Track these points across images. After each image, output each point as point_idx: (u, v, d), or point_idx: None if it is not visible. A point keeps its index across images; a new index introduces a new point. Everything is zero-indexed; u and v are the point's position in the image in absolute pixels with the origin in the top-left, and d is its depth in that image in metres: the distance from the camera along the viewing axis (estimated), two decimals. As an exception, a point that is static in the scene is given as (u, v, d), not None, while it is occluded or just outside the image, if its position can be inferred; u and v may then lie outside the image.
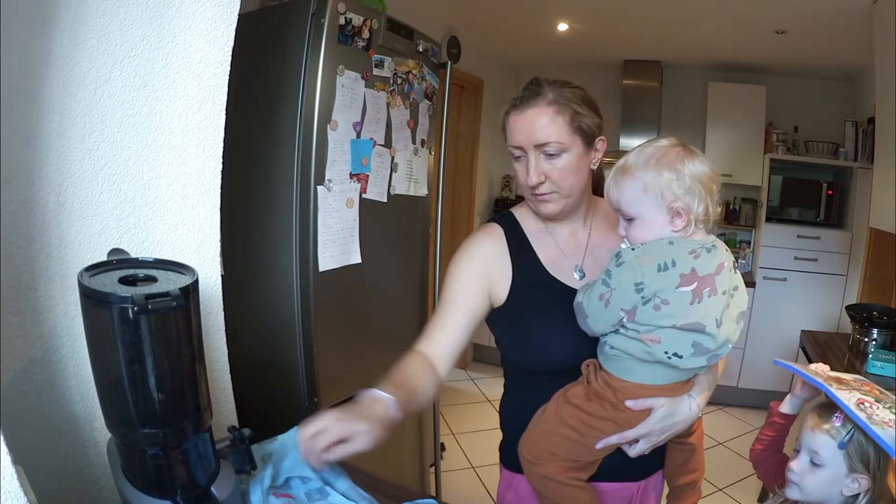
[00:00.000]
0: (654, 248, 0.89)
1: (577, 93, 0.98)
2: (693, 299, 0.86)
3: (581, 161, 0.98)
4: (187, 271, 0.75)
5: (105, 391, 0.71)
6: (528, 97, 0.97)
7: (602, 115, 1.01)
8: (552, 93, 0.96)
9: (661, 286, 0.87)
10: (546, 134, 0.95)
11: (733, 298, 0.91)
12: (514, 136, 0.98)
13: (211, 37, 1.01)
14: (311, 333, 1.57)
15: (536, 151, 0.96)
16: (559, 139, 0.95)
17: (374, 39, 1.62)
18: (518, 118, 0.97)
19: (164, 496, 0.72)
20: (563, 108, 0.96)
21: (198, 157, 1.02)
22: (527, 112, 0.96)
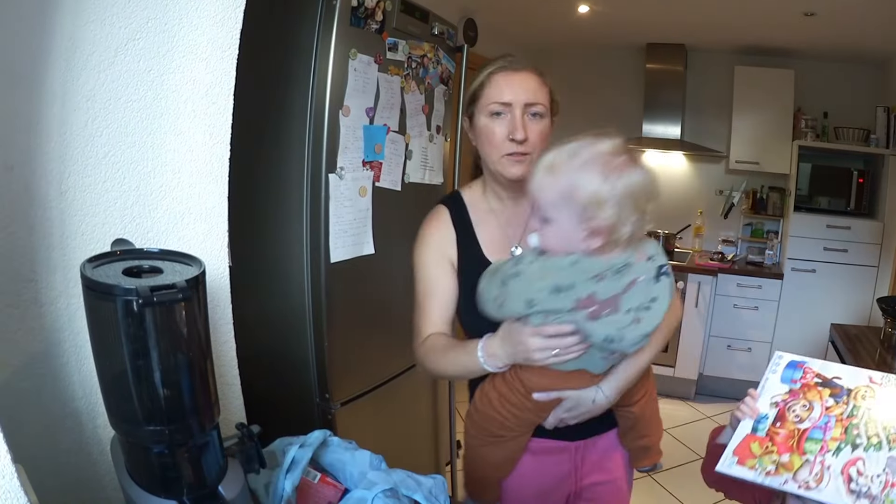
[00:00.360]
0: (554, 267, 0.84)
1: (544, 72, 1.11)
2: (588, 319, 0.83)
3: (549, 131, 1.08)
4: (194, 262, 0.74)
5: (108, 387, 0.70)
6: (517, 63, 1.07)
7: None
8: (532, 65, 1.09)
9: (554, 307, 0.84)
10: (536, 96, 1.05)
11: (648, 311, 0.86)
12: (503, 92, 1.05)
13: (218, 19, 0.99)
14: (322, 327, 1.55)
15: (524, 109, 1.04)
16: (545, 103, 1.07)
17: (387, 22, 1.59)
18: (510, 76, 1.06)
19: (170, 496, 0.70)
20: (545, 81, 1.09)
21: (205, 143, 1.00)
22: (520, 73, 1.06)
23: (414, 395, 1.99)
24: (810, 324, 3.44)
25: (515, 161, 1.05)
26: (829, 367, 0.88)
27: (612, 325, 0.84)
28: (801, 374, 0.88)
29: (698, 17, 3.19)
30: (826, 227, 3.46)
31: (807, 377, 0.88)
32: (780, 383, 0.89)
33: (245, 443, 0.80)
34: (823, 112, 3.68)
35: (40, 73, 0.80)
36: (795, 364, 0.90)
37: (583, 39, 3.83)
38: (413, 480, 0.92)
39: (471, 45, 2.94)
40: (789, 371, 0.89)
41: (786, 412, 0.85)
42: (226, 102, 1.02)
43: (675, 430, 3.16)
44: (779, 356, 0.92)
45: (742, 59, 3.78)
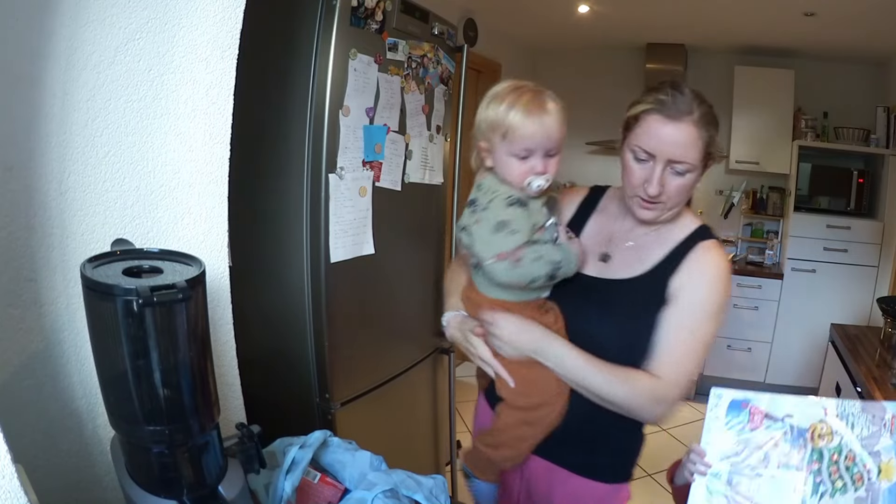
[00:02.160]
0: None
1: (713, 113, 0.99)
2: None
3: (696, 181, 1.01)
4: (194, 262, 0.74)
5: (108, 387, 0.70)
6: (679, 108, 0.96)
7: None
8: (698, 110, 0.96)
9: None
10: (684, 153, 0.96)
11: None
12: (651, 141, 0.97)
13: (218, 19, 0.99)
14: (323, 327, 1.55)
15: (666, 164, 0.97)
16: (693, 161, 0.97)
17: (387, 22, 1.58)
18: (664, 127, 0.96)
19: (170, 496, 0.70)
20: (705, 134, 0.97)
21: (205, 143, 1.00)
22: (674, 124, 0.96)
23: (414, 395, 1.99)
24: (810, 324, 3.43)
25: (646, 207, 1.02)
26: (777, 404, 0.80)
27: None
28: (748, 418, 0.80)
29: (698, 17, 3.18)
30: (826, 227, 3.46)
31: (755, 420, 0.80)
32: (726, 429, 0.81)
33: (245, 443, 0.80)
34: (823, 112, 3.68)
35: (40, 73, 0.80)
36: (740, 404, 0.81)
37: (583, 40, 3.82)
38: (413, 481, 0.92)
39: (471, 45, 2.94)
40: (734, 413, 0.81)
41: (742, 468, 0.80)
42: (226, 103, 1.01)
43: (675, 430, 3.15)
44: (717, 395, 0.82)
45: (742, 59, 3.78)
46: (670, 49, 3.81)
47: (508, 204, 0.98)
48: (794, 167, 3.56)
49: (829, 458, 0.78)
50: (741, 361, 3.61)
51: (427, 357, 2.01)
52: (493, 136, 1.00)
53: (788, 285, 3.51)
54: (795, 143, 3.59)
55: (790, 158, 3.63)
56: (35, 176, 0.80)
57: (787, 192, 3.74)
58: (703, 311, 0.99)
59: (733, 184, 3.94)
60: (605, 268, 1.07)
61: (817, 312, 3.42)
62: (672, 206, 1.02)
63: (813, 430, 0.79)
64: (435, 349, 2.06)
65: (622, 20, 3.42)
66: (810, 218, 3.50)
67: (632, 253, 1.07)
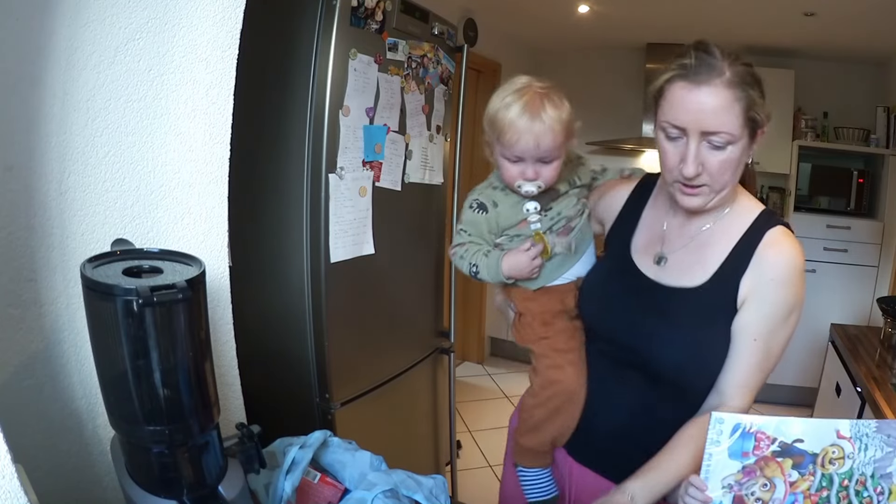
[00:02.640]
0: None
1: (751, 72, 0.84)
2: None
3: (743, 155, 0.86)
4: (194, 262, 0.74)
5: (108, 387, 0.70)
6: (703, 68, 0.82)
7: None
8: (730, 70, 0.82)
9: None
10: (720, 122, 0.82)
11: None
12: (678, 113, 0.85)
13: (218, 19, 0.99)
14: (323, 327, 1.55)
15: (700, 138, 0.84)
16: (731, 130, 0.83)
17: (387, 22, 1.58)
18: (688, 94, 0.83)
19: (170, 496, 0.70)
20: (741, 94, 0.82)
21: (205, 143, 1.00)
22: (700, 89, 0.82)
23: (414, 395, 1.99)
24: (810, 323, 3.42)
25: (687, 193, 0.90)
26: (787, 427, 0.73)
27: None
28: (753, 444, 0.73)
29: (698, 17, 3.17)
30: (826, 227, 3.45)
31: (761, 447, 0.73)
32: (730, 459, 0.73)
33: (245, 443, 0.80)
34: (824, 112, 3.67)
35: (40, 73, 0.80)
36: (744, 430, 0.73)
37: (583, 40, 3.82)
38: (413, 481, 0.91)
39: (471, 45, 2.94)
40: (739, 442, 0.73)
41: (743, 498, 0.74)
42: (226, 102, 1.01)
43: (675, 430, 3.15)
44: (719, 419, 0.73)
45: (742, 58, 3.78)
46: (670, 49, 3.74)
47: (468, 206, 1.05)
48: (794, 167, 3.55)
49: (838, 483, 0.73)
50: (741, 361, 3.60)
51: (427, 357, 2.01)
52: (492, 134, 1.00)
53: (788, 285, 3.51)
54: (795, 143, 3.59)
55: (790, 158, 3.62)
56: (35, 176, 0.80)
57: (787, 192, 3.74)
58: (777, 317, 0.89)
59: (733, 184, 3.94)
60: (662, 272, 0.97)
61: (817, 312, 3.41)
62: (720, 188, 0.88)
63: (824, 455, 0.73)
64: (435, 349, 2.06)
65: (622, 20, 3.41)
66: (810, 218, 3.50)
67: (690, 254, 0.96)
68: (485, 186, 1.07)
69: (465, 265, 1.05)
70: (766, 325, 0.88)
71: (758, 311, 0.89)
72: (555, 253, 1.03)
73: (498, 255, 1.02)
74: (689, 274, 0.94)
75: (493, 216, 1.03)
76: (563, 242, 1.03)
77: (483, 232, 1.04)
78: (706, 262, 0.93)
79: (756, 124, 0.86)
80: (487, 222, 1.03)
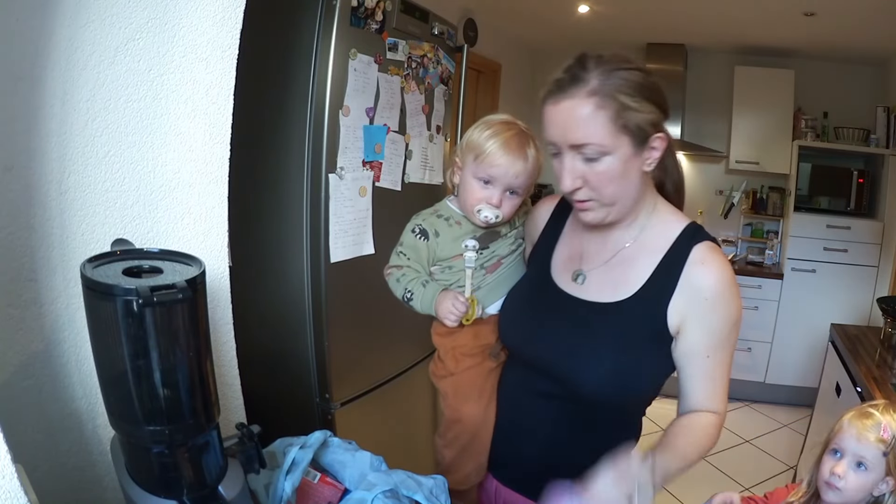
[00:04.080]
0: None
1: (631, 78, 0.81)
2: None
3: (628, 164, 0.83)
4: (194, 262, 0.74)
5: (108, 387, 0.70)
6: (567, 83, 0.81)
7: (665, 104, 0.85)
8: (597, 78, 0.79)
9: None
10: (584, 133, 0.80)
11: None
12: (548, 129, 0.84)
13: (218, 19, 0.99)
14: (323, 327, 1.55)
15: (572, 152, 0.83)
16: (600, 141, 0.80)
17: (387, 22, 1.58)
18: (553, 109, 0.82)
19: (170, 496, 0.70)
20: (606, 101, 0.79)
21: (205, 143, 1.00)
22: (562, 103, 0.81)
23: (414, 395, 1.99)
24: (810, 324, 3.43)
25: (581, 209, 0.88)
26: None
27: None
28: None
29: (698, 17, 3.17)
30: (826, 228, 3.45)
31: None
32: None
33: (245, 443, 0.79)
34: (823, 112, 3.67)
35: (40, 73, 0.79)
36: None
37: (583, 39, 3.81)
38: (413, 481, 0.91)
39: (471, 45, 2.94)
40: None
41: None
42: (226, 102, 1.01)
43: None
44: None
45: (742, 59, 3.77)
46: (670, 49, 3.81)
47: (411, 230, 1.07)
48: (794, 167, 3.56)
49: None
50: (741, 361, 3.60)
51: (427, 357, 2.01)
52: (468, 155, 1.01)
53: (788, 285, 3.51)
54: (795, 143, 3.59)
55: (790, 158, 3.62)
56: (35, 176, 0.80)
57: (787, 192, 3.74)
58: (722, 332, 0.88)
59: (733, 184, 3.94)
60: (581, 289, 0.94)
61: (817, 312, 3.42)
62: (609, 201, 0.85)
63: None
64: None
65: (622, 20, 3.41)
66: (810, 218, 3.50)
67: (612, 271, 0.93)
68: (429, 213, 1.08)
69: (399, 289, 1.07)
70: (713, 340, 0.88)
71: (702, 331, 0.87)
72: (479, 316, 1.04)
73: (435, 290, 1.03)
74: (610, 290, 0.91)
75: (433, 245, 1.05)
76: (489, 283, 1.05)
77: (422, 258, 1.06)
78: (629, 279, 0.90)
79: (639, 132, 0.82)
80: (427, 249, 1.05)
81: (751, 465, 2.81)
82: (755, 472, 2.75)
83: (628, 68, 0.82)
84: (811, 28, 3.08)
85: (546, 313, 0.96)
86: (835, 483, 1.02)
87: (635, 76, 0.81)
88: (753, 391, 3.57)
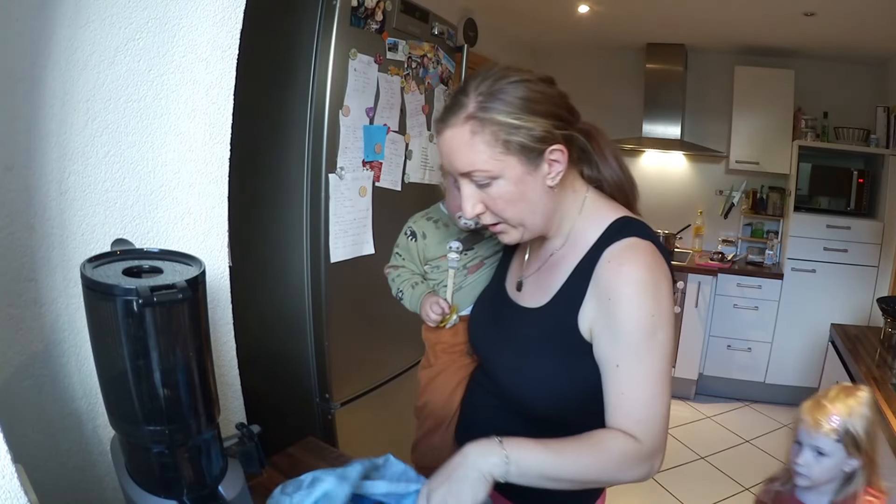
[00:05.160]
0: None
1: (514, 93, 0.77)
2: None
3: (523, 185, 0.79)
4: (194, 262, 0.74)
5: (108, 387, 0.70)
6: (450, 110, 0.79)
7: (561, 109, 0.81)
8: (474, 102, 0.76)
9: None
10: (467, 161, 0.77)
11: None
12: (441, 159, 0.83)
13: (218, 19, 0.99)
14: (323, 327, 1.55)
15: (464, 179, 0.80)
16: (482, 167, 0.76)
17: (387, 22, 1.58)
18: (440, 139, 0.80)
19: (170, 496, 0.70)
20: (481, 125, 0.75)
21: (205, 143, 1.00)
22: (445, 133, 0.78)
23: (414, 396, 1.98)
24: (810, 324, 3.42)
25: (496, 231, 0.86)
26: None
27: None
28: None
29: (698, 17, 3.17)
30: (826, 227, 3.44)
31: None
32: None
33: (245, 443, 0.80)
34: (824, 112, 3.67)
35: (40, 73, 0.79)
36: None
37: (583, 39, 3.81)
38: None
39: (471, 45, 2.94)
40: None
41: None
42: (226, 102, 1.01)
43: (675, 431, 3.15)
44: None
45: (742, 59, 3.77)
46: (670, 49, 3.80)
47: (404, 233, 1.14)
48: (794, 167, 3.55)
49: None
50: (741, 361, 3.60)
51: (427, 357, 2.01)
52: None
53: (788, 285, 3.51)
54: (795, 143, 3.58)
55: (790, 158, 3.62)
56: (35, 176, 0.80)
57: (787, 192, 3.74)
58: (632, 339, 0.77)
59: (733, 184, 3.94)
60: (521, 296, 0.94)
61: (817, 312, 3.41)
62: (517, 222, 0.82)
63: None
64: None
65: (622, 20, 3.40)
66: (810, 218, 3.49)
67: (541, 277, 0.91)
68: (421, 216, 1.14)
69: (394, 287, 1.16)
70: (622, 348, 0.78)
71: (608, 337, 0.79)
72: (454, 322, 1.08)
73: (422, 292, 1.10)
74: (537, 297, 0.89)
75: (422, 245, 1.11)
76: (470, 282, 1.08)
77: (414, 258, 1.13)
78: (550, 285, 0.87)
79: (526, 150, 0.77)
80: (417, 249, 1.12)
81: (751, 465, 2.80)
82: (755, 472, 2.74)
83: (512, 82, 0.78)
84: (811, 28, 3.07)
85: (494, 320, 0.98)
86: (800, 472, 1.15)
87: (518, 90, 0.77)
88: (753, 391, 3.57)
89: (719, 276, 3.54)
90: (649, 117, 3.86)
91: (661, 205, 3.99)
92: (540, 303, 0.88)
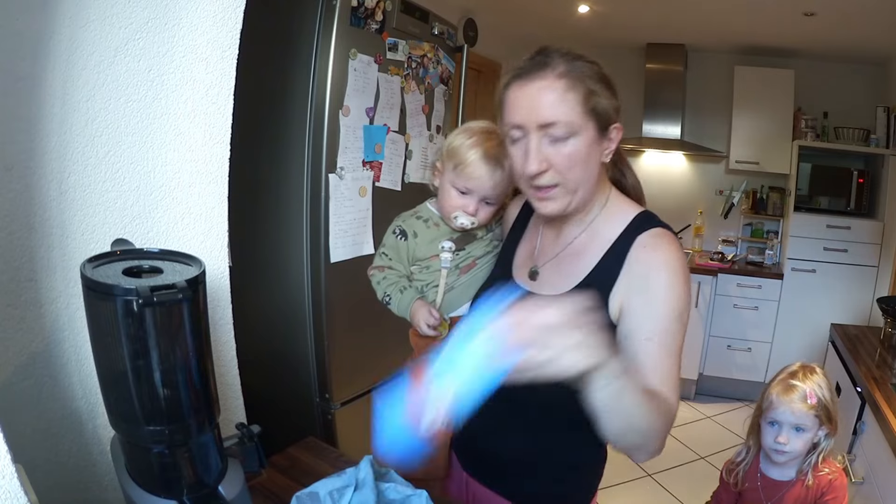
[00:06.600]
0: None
1: (593, 68, 0.84)
2: None
3: (592, 149, 0.83)
4: (194, 262, 0.74)
5: (108, 387, 0.70)
6: (534, 67, 0.82)
7: (619, 97, 0.87)
8: (564, 64, 0.81)
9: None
10: (554, 112, 0.80)
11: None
12: (514, 112, 0.83)
13: (218, 19, 0.99)
14: (323, 327, 1.55)
15: (539, 133, 0.81)
16: (569, 119, 0.80)
17: (387, 22, 1.58)
18: (521, 91, 0.82)
19: (170, 496, 0.70)
20: (575, 84, 0.81)
21: (205, 143, 1.00)
22: (532, 84, 0.81)
23: (414, 395, 1.99)
24: (810, 324, 3.43)
25: (541, 198, 0.85)
26: None
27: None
28: None
29: (698, 17, 3.17)
30: (826, 227, 3.45)
31: None
32: None
33: (245, 443, 0.80)
34: (823, 112, 3.67)
35: (40, 73, 0.79)
36: None
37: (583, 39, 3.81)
38: None
39: (471, 45, 2.94)
40: None
41: None
42: (226, 103, 1.01)
43: (675, 431, 3.15)
44: None
45: (742, 59, 3.77)
46: (670, 49, 3.81)
47: (392, 231, 1.11)
48: (794, 167, 3.55)
49: None
50: (741, 361, 3.60)
51: (427, 357, 2.01)
52: (448, 162, 1.03)
53: (788, 285, 3.51)
54: (795, 143, 3.58)
55: (790, 158, 3.62)
56: (35, 176, 0.80)
57: (787, 192, 3.74)
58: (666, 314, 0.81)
59: (733, 184, 3.94)
60: (536, 285, 0.93)
61: (817, 312, 3.41)
62: (573, 186, 0.84)
63: None
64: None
65: (622, 20, 3.41)
66: (810, 218, 3.49)
67: (561, 265, 0.92)
68: (409, 215, 1.12)
69: (379, 291, 1.12)
70: (657, 323, 0.80)
71: (642, 314, 0.82)
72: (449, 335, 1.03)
73: (411, 298, 1.07)
74: (560, 283, 0.90)
75: (412, 245, 1.08)
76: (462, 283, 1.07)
77: (402, 257, 1.10)
78: (577, 270, 0.89)
79: (603, 118, 0.83)
80: (406, 249, 1.09)
81: (751, 465, 2.81)
82: (755, 472, 2.75)
83: (588, 60, 0.85)
84: (811, 28, 3.07)
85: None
86: (782, 450, 1.25)
87: (595, 67, 0.85)
88: (753, 391, 3.56)
89: (719, 276, 3.54)
90: (649, 117, 3.86)
91: (661, 205, 3.98)
92: (563, 289, 0.89)
